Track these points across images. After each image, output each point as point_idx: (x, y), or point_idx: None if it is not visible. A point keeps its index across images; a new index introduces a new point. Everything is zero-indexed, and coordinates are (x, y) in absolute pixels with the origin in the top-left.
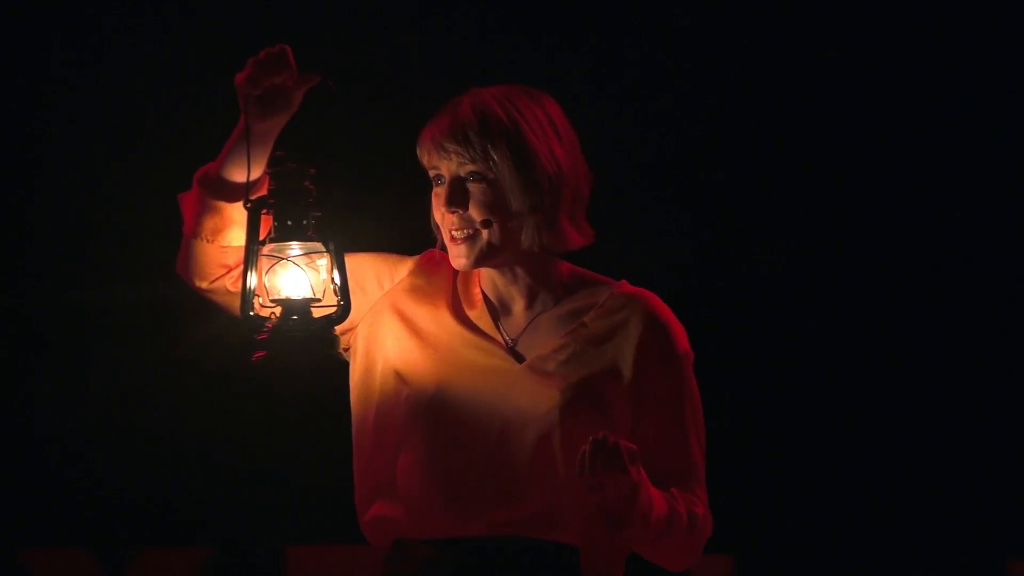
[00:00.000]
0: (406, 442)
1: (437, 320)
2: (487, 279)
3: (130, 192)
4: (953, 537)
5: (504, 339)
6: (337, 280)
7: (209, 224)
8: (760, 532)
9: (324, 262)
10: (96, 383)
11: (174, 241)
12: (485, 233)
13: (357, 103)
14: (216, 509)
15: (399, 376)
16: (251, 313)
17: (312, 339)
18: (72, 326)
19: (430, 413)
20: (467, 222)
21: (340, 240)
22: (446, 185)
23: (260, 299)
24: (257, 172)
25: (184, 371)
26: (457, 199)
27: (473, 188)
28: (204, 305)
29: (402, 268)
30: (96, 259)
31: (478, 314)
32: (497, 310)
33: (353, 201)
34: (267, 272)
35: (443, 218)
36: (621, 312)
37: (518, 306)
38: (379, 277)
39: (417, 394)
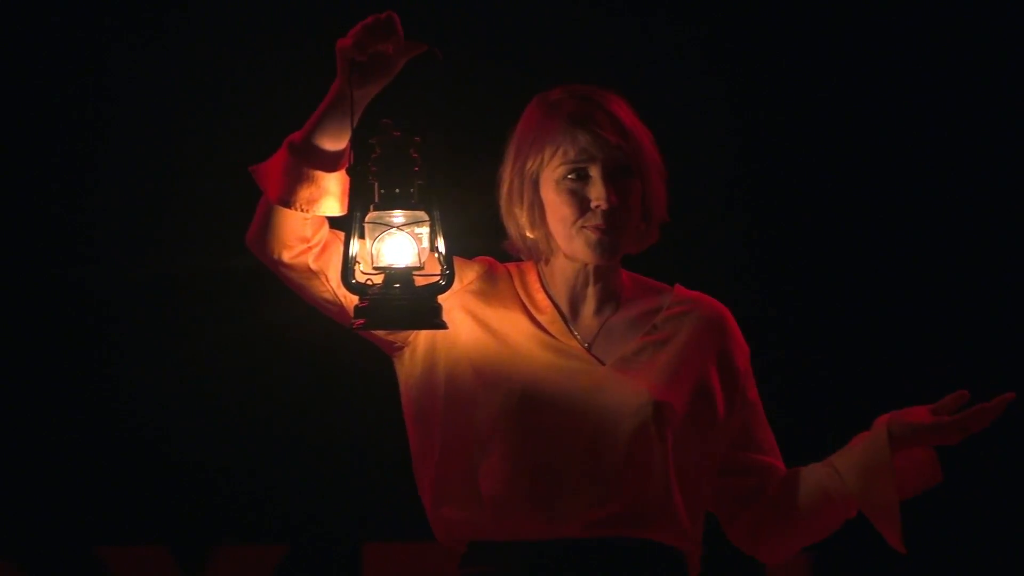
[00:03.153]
0: (489, 443)
1: (512, 323)
2: (561, 282)
3: (209, 162)
4: None
5: (580, 342)
6: (442, 249)
7: (304, 193)
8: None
9: (424, 231)
10: (178, 361)
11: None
12: (626, 228)
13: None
14: (298, 503)
15: (477, 376)
16: (353, 281)
17: (416, 307)
18: (151, 301)
19: (517, 415)
20: (615, 217)
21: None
22: (601, 177)
23: (361, 267)
24: (346, 140)
25: (271, 348)
26: (615, 193)
27: (624, 182)
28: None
29: (469, 271)
30: (172, 232)
31: (549, 319)
32: (566, 315)
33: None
34: (371, 240)
35: (573, 212)
36: (689, 315)
37: (588, 310)
38: None
39: (503, 397)
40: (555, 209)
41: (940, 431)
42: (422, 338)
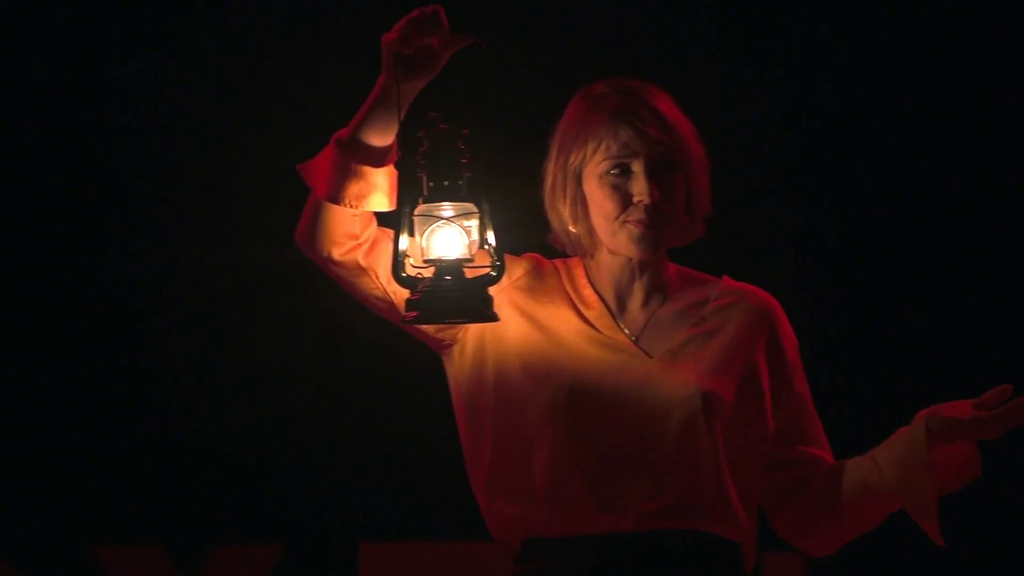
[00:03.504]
0: (541, 439)
1: (561, 319)
2: (607, 277)
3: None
4: None
5: (628, 336)
6: (492, 241)
7: (353, 189)
8: None
9: (473, 223)
10: (173, 362)
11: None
12: (669, 223)
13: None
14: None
15: (526, 373)
16: (403, 275)
17: (467, 299)
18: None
19: (566, 410)
20: (658, 212)
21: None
22: (643, 172)
23: (412, 260)
24: (393, 135)
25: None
26: (658, 188)
27: (667, 177)
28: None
29: (517, 267)
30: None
31: (596, 314)
32: (613, 310)
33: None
34: (421, 233)
35: (616, 207)
36: (737, 306)
37: (635, 303)
38: None
39: (551, 392)
40: (598, 204)
41: (980, 426)
42: (471, 335)
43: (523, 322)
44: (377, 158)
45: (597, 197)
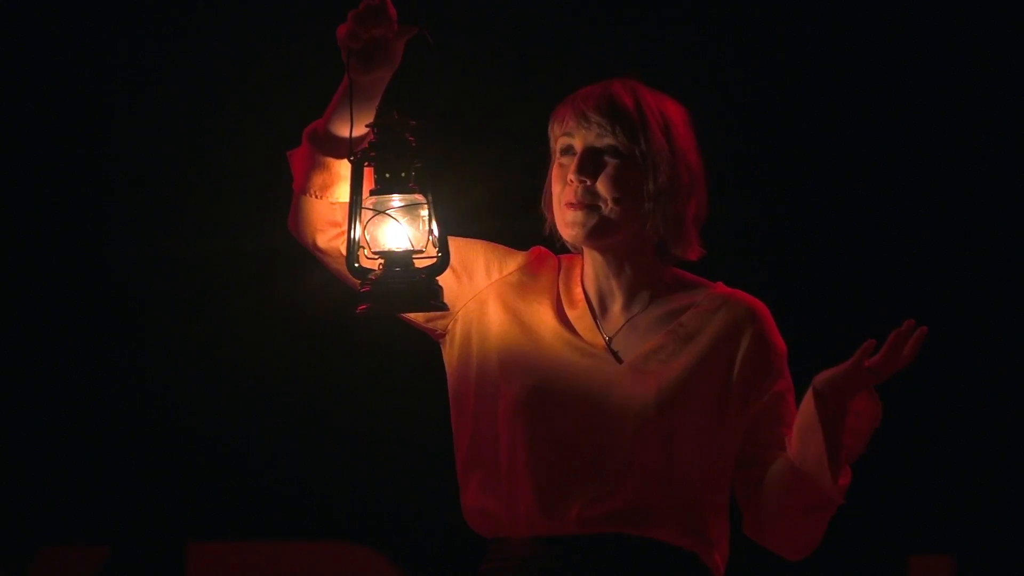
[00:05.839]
0: (504, 434)
1: (541, 318)
2: (591, 274)
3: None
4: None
5: (604, 339)
6: (436, 232)
7: (318, 180)
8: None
9: (427, 213)
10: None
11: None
12: (607, 209)
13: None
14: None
15: (501, 367)
16: (356, 265)
17: (415, 290)
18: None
19: (530, 411)
20: (591, 195)
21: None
22: (578, 155)
23: (366, 251)
24: (363, 127)
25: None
26: (587, 168)
27: (608, 161)
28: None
29: (511, 261)
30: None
31: (578, 315)
32: (596, 310)
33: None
34: (369, 224)
35: (563, 190)
36: (719, 312)
37: (616, 305)
38: (488, 266)
39: (517, 389)
40: (549, 187)
41: (862, 373)
42: (459, 327)
43: (505, 317)
44: (339, 149)
45: (549, 181)
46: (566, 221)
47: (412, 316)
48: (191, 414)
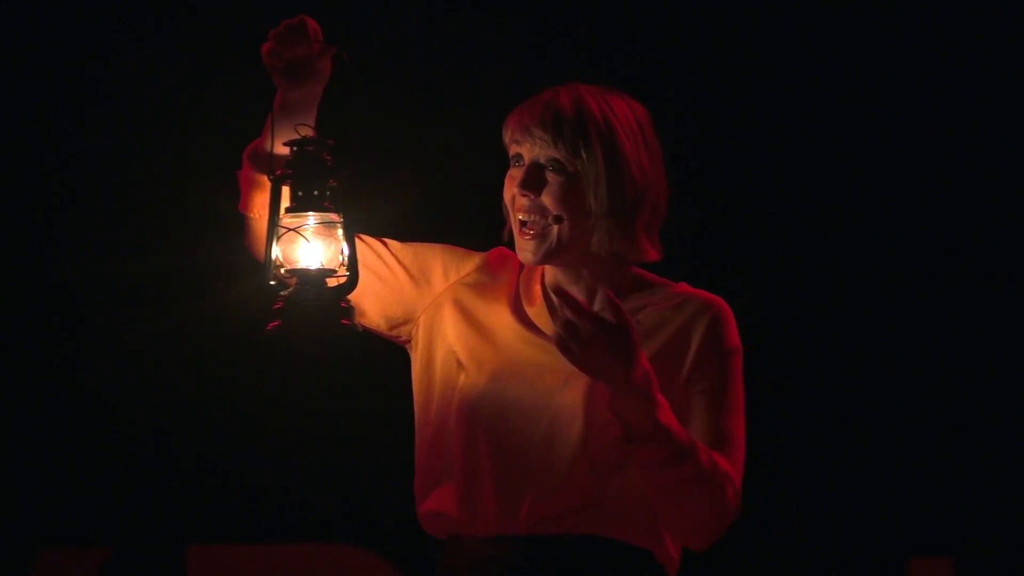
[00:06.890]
0: (456, 429)
1: (497, 316)
2: (551, 276)
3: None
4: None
5: None
6: (346, 251)
7: (258, 200)
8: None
9: (341, 232)
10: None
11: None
12: (555, 229)
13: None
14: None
15: (459, 368)
16: (272, 283)
17: (325, 309)
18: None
19: (483, 407)
20: (537, 210)
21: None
22: (523, 168)
23: (284, 270)
24: (279, 145)
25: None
26: (531, 184)
27: (551, 178)
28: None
29: (469, 263)
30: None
31: (536, 311)
32: (554, 306)
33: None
34: (283, 243)
35: (513, 200)
36: (677, 310)
37: None
38: (446, 270)
39: (471, 387)
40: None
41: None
42: (421, 332)
43: (459, 318)
44: (273, 168)
45: (505, 187)
46: (519, 246)
47: (374, 326)
48: (191, 417)
